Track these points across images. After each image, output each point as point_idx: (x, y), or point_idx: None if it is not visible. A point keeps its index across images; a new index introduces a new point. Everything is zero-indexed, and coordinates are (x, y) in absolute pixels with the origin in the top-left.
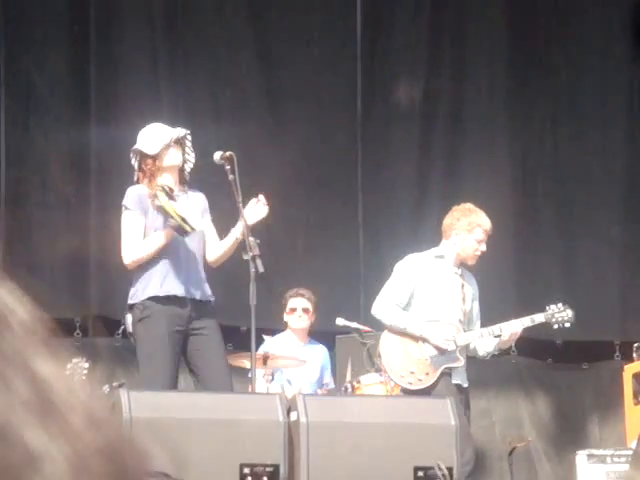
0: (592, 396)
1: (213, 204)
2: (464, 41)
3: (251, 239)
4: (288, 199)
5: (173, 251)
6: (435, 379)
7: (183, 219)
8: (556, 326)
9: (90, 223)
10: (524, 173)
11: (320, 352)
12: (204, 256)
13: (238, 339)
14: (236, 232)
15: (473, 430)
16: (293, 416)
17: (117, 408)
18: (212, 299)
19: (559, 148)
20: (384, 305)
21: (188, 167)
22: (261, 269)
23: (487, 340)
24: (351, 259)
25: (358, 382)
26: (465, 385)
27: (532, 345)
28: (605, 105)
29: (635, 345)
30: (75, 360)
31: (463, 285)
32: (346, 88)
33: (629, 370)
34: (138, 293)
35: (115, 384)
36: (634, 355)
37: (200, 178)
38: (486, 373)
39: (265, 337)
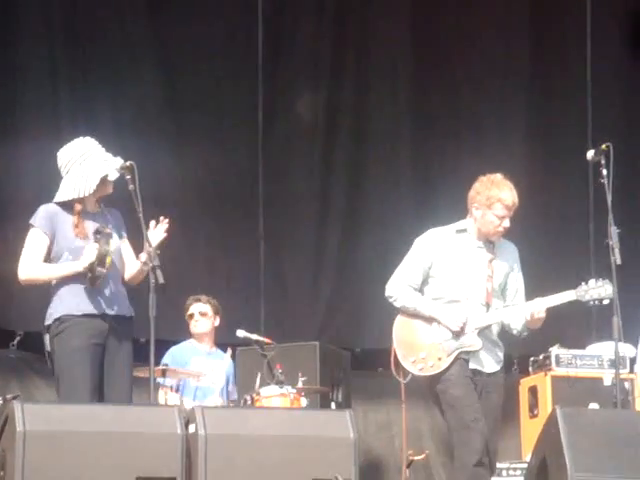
0: (506, 408)
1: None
2: (368, 55)
3: (151, 250)
4: (189, 211)
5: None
6: (448, 364)
7: (103, 270)
8: (591, 303)
9: None
10: (426, 185)
11: (225, 361)
12: (122, 273)
13: (137, 350)
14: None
15: (373, 442)
16: (191, 428)
17: (11, 421)
18: (131, 314)
19: (461, 162)
20: (396, 286)
21: None
22: (161, 280)
23: (517, 318)
24: (252, 272)
25: (258, 394)
26: (488, 370)
27: None
28: (504, 119)
29: (531, 359)
30: None
31: (492, 260)
32: (247, 101)
33: (525, 384)
34: (54, 312)
35: (9, 396)
36: (530, 369)
37: None
38: (387, 386)
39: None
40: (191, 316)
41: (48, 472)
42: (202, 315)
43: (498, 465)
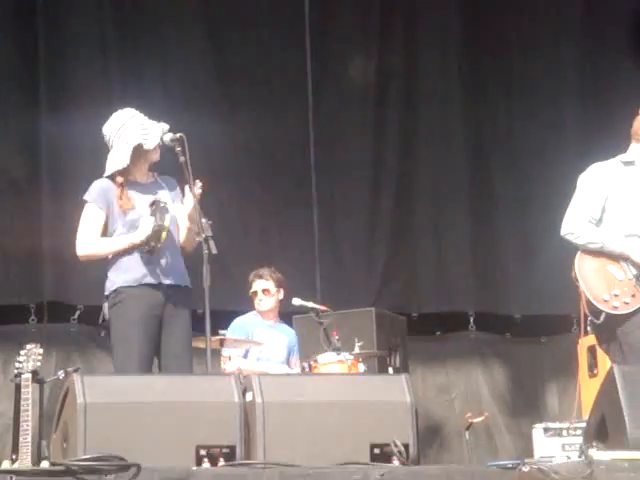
0: (551, 369)
1: None
2: (416, 20)
3: (203, 220)
4: (241, 181)
5: None
6: None
7: (158, 245)
8: None
9: (42, 209)
10: (478, 148)
11: (287, 334)
12: (179, 243)
13: (197, 321)
14: (184, 212)
15: (432, 406)
16: (249, 397)
17: (71, 393)
18: (187, 284)
19: (513, 124)
20: (574, 223)
21: None
22: (214, 250)
23: None
24: (306, 240)
25: (315, 361)
26: None
27: (490, 320)
28: (556, 80)
29: (589, 319)
30: (29, 346)
31: None
32: (296, 68)
33: (584, 343)
34: (111, 284)
35: (70, 369)
36: (588, 328)
37: None
38: (444, 349)
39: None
40: (255, 294)
41: (109, 443)
42: (265, 293)
43: (559, 425)
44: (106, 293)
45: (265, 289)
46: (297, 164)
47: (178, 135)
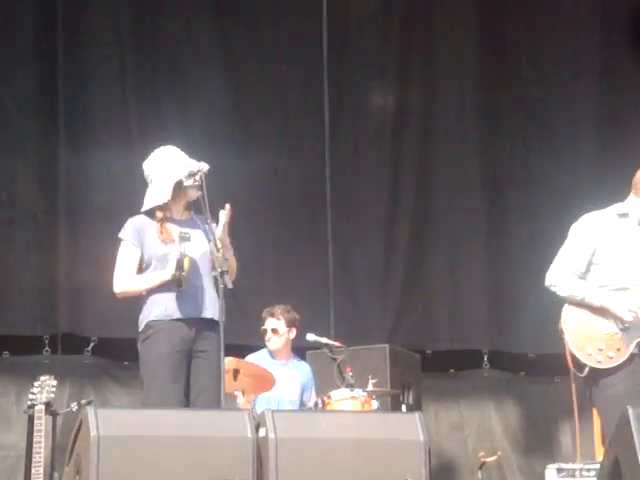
0: (564, 409)
1: None
2: (434, 56)
3: (219, 255)
4: (257, 215)
5: None
6: (627, 356)
7: (183, 274)
8: None
9: (59, 241)
10: (494, 184)
11: (301, 371)
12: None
13: None
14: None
15: (444, 444)
16: (262, 432)
17: (85, 426)
18: (217, 317)
19: (530, 161)
20: (558, 274)
21: None
22: (230, 285)
23: None
24: (320, 274)
25: (329, 397)
26: None
27: (505, 358)
28: (573, 118)
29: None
30: (43, 377)
31: None
32: (314, 103)
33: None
34: (144, 319)
35: (83, 402)
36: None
37: None
38: (458, 386)
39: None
40: (264, 332)
41: (122, 476)
42: (274, 332)
43: (571, 466)
44: (139, 330)
45: (274, 329)
46: (313, 199)
47: (195, 169)
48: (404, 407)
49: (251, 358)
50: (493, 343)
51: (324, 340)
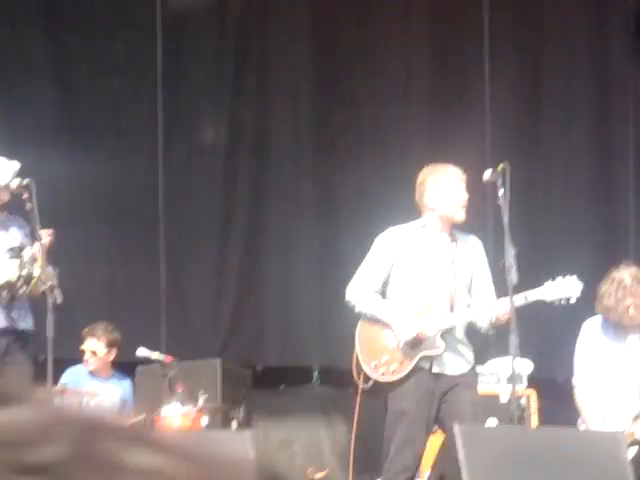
0: None
1: None
2: (269, 72)
3: (49, 268)
4: (89, 229)
5: None
6: (410, 369)
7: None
8: (557, 302)
9: None
10: (328, 203)
11: (121, 386)
12: None
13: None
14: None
15: (274, 460)
16: None
17: None
18: (29, 329)
19: (363, 179)
20: (355, 290)
21: None
22: (59, 300)
23: (482, 317)
24: (152, 289)
25: (159, 414)
26: (453, 372)
27: (335, 374)
28: (405, 137)
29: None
30: None
31: (455, 255)
32: (148, 117)
33: None
34: None
35: None
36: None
37: None
38: (288, 403)
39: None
40: (82, 352)
41: None
42: (93, 354)
43: None
44: None
45: (93, 350)
46: (145, 212)
47: (25, 182)
48: (235, 423)
49: (70, 371)
50: (324, 359)
51: (155, 355)
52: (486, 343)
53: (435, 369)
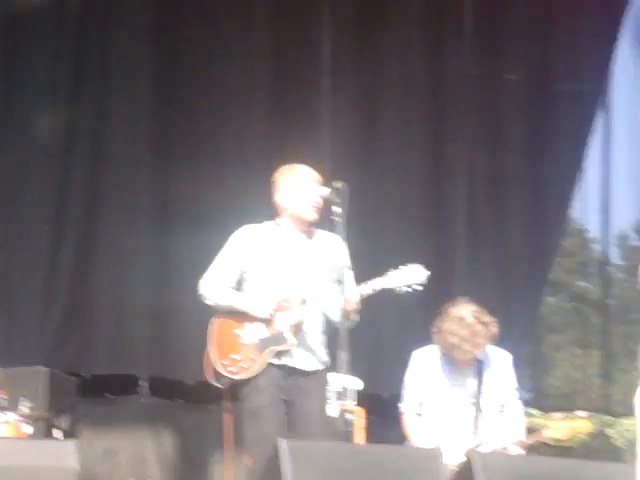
0: (218, 438)
1: None
2: (109, 77)
3: None
4: None
5: None
6: (261, 366)
7: None
8: (404, 290)
9: None
10: (164, 213)
11: None
12: None
13: None
14: None
15: (97, 470)
16: None
17: None
18: None
19: (200, 189)
20: (208, 284)
21: None
22: None
23: (333, 310)
24: None
25: None
26: (306, 368)
27: (164, 385)
28: (244, 149)
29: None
30: None
31: (312, 253)
32: None
33: None
34: None
35: None
36: None
37: None
38: (114, 412)
39: None
40: None
41: None
42: None
43: None
44: None
45: None
46: None
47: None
48: (59, 432)
49: None
50: (153, 369)
51: None
52: None
53: (285, 362)
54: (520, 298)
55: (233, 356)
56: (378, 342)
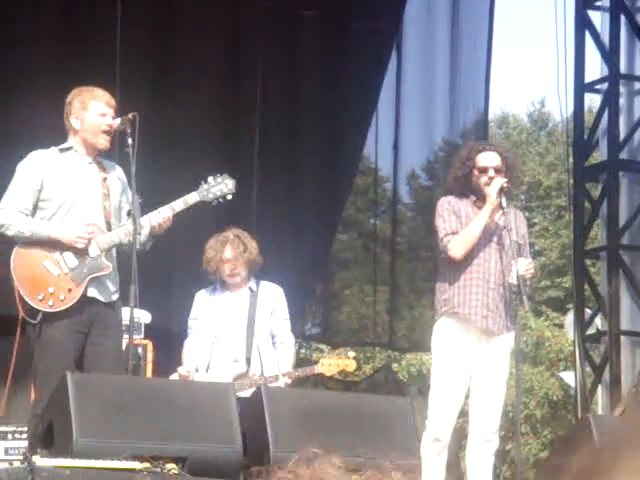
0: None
1: None
2: None
3: None
4: None
5: None
6: (80, 295)
7: None
8: (215, 202)
9: None
10: None
11: None
12: None
13: None
14: None
15: None
16: None
17: None
18: None
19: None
20: (4, 213)
21: None
22: None
23: (124, 235)
24: None
25: None
26: (106, 299)
27: None
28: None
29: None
30: None
31: (105, 178)
32: None
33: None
34: None
35: None
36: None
37: None
38: None
39: None
40: None
41: None
42: None
43: (4, 428)
44: None
45: None
46: None
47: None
48: None
49: None
50: None
51: None
52: None
53: (91, 293)
54: (312, 234)
55: (50, 289)
56: (169, 276)
